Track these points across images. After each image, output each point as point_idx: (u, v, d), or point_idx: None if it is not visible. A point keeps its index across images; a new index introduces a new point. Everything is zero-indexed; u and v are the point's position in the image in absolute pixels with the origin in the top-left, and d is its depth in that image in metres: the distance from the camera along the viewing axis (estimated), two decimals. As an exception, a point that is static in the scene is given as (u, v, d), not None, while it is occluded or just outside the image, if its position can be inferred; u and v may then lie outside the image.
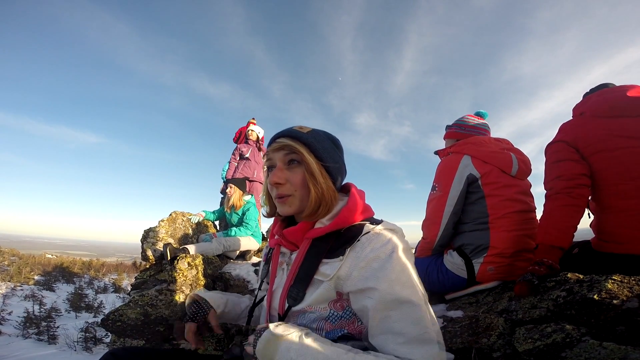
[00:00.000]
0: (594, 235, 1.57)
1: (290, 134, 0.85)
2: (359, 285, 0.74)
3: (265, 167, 0.92)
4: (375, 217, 0.88)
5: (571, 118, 1.66)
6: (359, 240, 0.78)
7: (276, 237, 0.94)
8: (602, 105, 1.51)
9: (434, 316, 0.73)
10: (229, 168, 5.02)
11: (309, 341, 0.69)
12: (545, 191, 1.58)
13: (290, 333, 0.70)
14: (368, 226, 0.80)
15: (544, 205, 1.55)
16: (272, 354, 0.68)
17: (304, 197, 0.84)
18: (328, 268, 0.78)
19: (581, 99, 1.67)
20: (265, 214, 1.00)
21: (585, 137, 1.49)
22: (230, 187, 3.88)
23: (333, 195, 0.85)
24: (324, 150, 0.85)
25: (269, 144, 0.89)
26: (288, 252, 0.91)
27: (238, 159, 5.01)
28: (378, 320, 0.71)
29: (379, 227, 0.80)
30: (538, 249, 1.48)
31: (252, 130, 5.07)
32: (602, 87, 1.61)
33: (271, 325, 0.72)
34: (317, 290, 0.79)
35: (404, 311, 0.69)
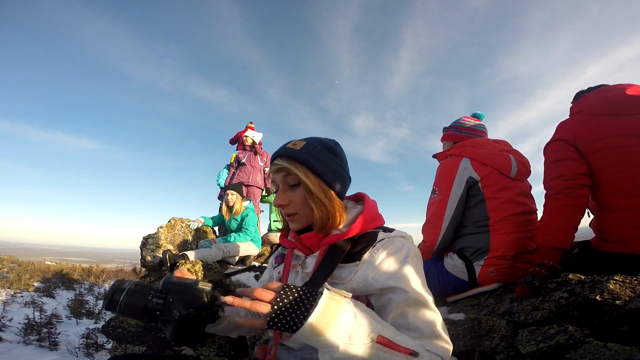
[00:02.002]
0: (593, 235, 1.56)
1: (284, 154, 0.86)
2: (378, 285, 0.77)
3: (272, 187, 0.94)
4: (385, 225, 0.91)
5: (568, 117, 1.65)
6: (374, 246, 0.81)
7: (290, 238, 0.97)
8: (600, 104, 1.50)
9: (441, 317, 0.77)
10: (228, 175, 5.04)
11: (361, 307, 0.66)
12: (545, 191, 1.56)
13: (346, 295, 0.65)
14: (382, 233, 0.84)
15: (544, 205, 1.54)
16: (333, 318, 0.60)
17: (309, 214, 0.87)
18: (344, 272, 0.81)
19: (573, 97, 1.67)
20: (275, 229, 1.02)
21: (584, 135, 1.48)
22: (232, 194, 3.87)
23: (339, 207, 0.87)
24: (320, 164, 0.85)
25: (270, 164, 0.91)
26: (302, 255, 0.93)
27: (236, 165, 5.03)
28: (395, 315, 0.75)
29: (392, 234, 0.84)
30: (538, 250, 1.46)
31: (246, 136, 5.09)
32: (599, 87, 1.61)
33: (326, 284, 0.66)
34: None
35: (420, 310, 0.74)
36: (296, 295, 0.62)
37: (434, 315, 0.74)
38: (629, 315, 1.02)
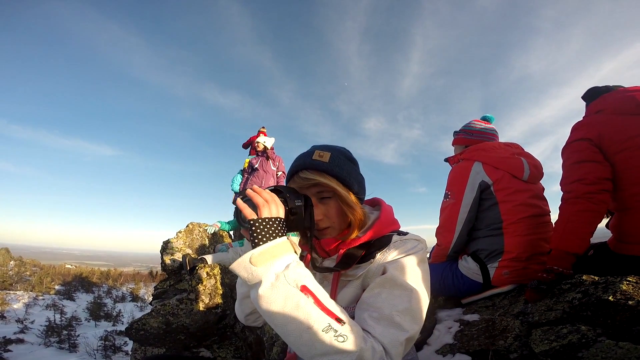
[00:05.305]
0: (609, 236, 1.53)
1: (314, 167, 0.86)
2: (381, 273, 0.82)
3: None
4: (400, 229, 0.95)
5: (584, 116, 1.59)
6: (388, 247, 0.86)
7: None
8: (628, 102, 1.43)
9: (422, 319, 0.76)
10: (241, 181, 5.14)
11: (303, 264, 0.72)
12: (563, 192, 1.50)
13: (297, 250, 0.73)
14: (396, 236, 0.89)
15: (561, 207, 1.48)
16: (276, 255, 0.68)
17: (342, 225, 0.91)
18: (359, 271, 0.87)
19: (585, 94, 1.61)
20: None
21: (611, 134, 1.42)
22: None
23: (364, 213, 0.93)
24: (349, 176, 0.88)
25: (293, 175, 0.91)
26: (320, 259, 0.97)
27: (250, 170, 5.13)
28: (370, 293, 0.78)
29: (405, 237, 0.89)
30: (551, 254, 1.43)
31: (258, 142, 5.18)
32: (607, 90, 1.55)
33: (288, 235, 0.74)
34: (347, 290, 0.87)
35: (393, 293, 0.75)
36: (277, 222, 0.71)
37: (404, 303, 0.73)
38: (642, 315, 1.03)
